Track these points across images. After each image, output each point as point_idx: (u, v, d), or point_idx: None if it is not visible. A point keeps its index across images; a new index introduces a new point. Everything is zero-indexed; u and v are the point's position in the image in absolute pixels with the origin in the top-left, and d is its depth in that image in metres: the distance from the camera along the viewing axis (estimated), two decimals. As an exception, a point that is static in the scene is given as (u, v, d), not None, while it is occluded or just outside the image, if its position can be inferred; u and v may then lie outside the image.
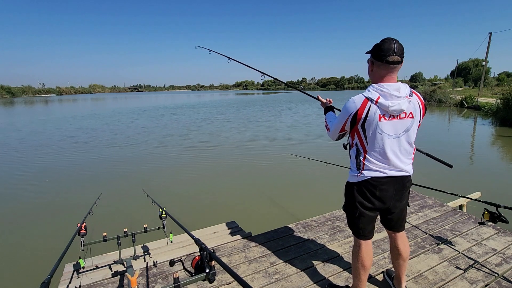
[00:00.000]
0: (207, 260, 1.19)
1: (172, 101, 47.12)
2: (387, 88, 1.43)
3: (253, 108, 29.19)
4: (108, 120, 19.92)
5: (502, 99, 16.52)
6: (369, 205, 1.63)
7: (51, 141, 11.99)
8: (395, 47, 1.41)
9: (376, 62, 1.48)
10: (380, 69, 1.47)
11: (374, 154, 1.53)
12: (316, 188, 6.18)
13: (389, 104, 1.41)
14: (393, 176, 1.56)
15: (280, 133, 13.28)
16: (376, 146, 1.51)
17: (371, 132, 1.49)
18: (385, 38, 1.45)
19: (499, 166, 8.01)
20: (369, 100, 1.45)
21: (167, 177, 7.13)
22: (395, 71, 1.47)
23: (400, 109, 1.43)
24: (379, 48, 1.44)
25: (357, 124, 1.50)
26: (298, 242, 2.69)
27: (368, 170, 1.56)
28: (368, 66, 1.57)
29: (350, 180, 1.69)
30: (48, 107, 38.12)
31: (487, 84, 47.16)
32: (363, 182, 1.59)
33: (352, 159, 1.65)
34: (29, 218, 5.02)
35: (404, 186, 1.62)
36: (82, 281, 2.17)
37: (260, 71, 2.79)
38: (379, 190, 1.58)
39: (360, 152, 1.57)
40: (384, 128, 1.47)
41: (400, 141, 1.52)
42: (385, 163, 1.54)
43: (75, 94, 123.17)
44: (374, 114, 1.44)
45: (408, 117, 1.49)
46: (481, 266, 2.23)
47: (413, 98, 1.49)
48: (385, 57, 1.42)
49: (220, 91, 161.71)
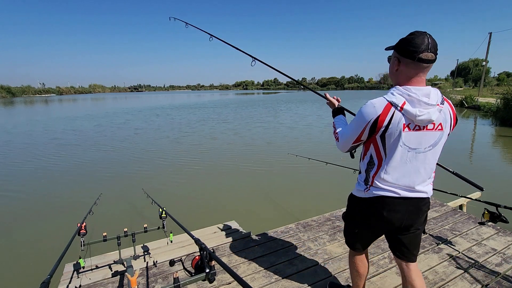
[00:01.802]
0: (207, 260, 1.19)
1: (170, 101, 47.07)
2: (415, 92, 1.19)
3: (253, 108, 29.20)
4: (101, 121, 19.66)
5: (502, 99, 16.51)
6: (372, 226, 1.45)
7: (39, 142, 11.96)
8: (429, 42, 1.16)
9: (404, 60, 1.22)
10: (409, 69, 1.22)
11: (390, 170, 1.30)
12: (316, 188, 6.18)
13: (417, 113, 1.18)
14: (407, 198, 1.33)
15: (280, 133, 13.28)
16: (394, 160, 1.28)
17: (391, 144, 1.26)
18: (416, 32, 1.20)
19: (499, 166, 8.01)
20: (393, 105, 1.21)
21: (167, 177, 7.13)
22: (426, 72, 1.23)
23: (429, 119, 1.20)
24: (409, 42, 1.19)
25: (376, 133, 1.26)
26: (298, 242, 2.69)
27: (377, 187, 1.34)
28: (391, 64, 1.31)
29: (355, 194, 1.49)
30: (46, 108, 37.97)
31: (487, 84, 47.16)
32: (369, 200, 1.38)
33: (361, 172, 1.43)
34: (29, 218, 5.02)
35: (419, 210, 1.38)
36: (82, 281, 2.17)
37: (251, 55, 2.37)
38: (387, 211, 1.35)
39: (373, 165, 1.35)
40: (407, 140, 1.24)
41: (424, 157, 1.29)
42: (400, 182, 1.31)
43: (75, 94, 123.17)
44: (398, 122, 1.21)
45: (437, 129, 1.26)
46: (481, 266, 2.23)
47: (444, 106, 1.25)
48: (418, 54, 1.17)
49: (220, 91, 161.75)
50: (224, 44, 2.61)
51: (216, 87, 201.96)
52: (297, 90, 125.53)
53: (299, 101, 39.09)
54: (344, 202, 1.69)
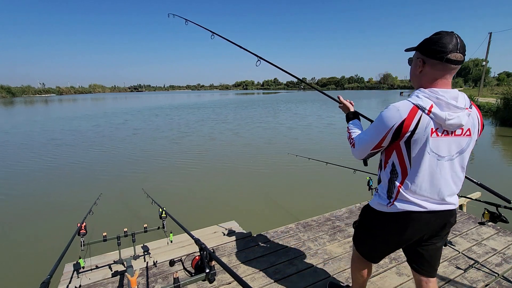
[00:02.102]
0: (207, 260, 1.18)
1: (170, 101, 47.08)
2: (443, 95, 1.11)
3: (253, 108, 29.20)
4: (99, 121, 19.53)
5: (502, 99, 16.51)
6: (392, 241, 1.33)
7: (37, 143, 11.97)
8: (457, 42, 1.08)
9: (429, 61, 1.14)
10: (435, 70, 1.14)
11: (417, 180, 1.19)
12: (316, 188, 6.18)
13: (447, 116, 1.09)
14: (435, 211, 1.23)
15: (280, 133, 13.27)
16: (421, 169, 1.17)
17: (418, 151, 1.16)
18: (442, 31, 1.12)
19: (499, 166, 8.01)
20: (420, 108, 1.11)
21: (167, 177, 7.13)
22: (452, 74, 1.15)
23: (459, 124, 1.11)
24: (436, 42, 1.10)
25: (400, 139, 1.16)
26: (298, 242, 2.69)
27: (403, 201, 1.22)
28: (414, 66, 1.23)
29: (374, 207, 1.35)
30: (45, 108, 37.92)
31: (487, 84, 47.18)
32: (393, 215, 1.26)
33: (383, 183, 1.30)
34: (29, 218, 5.02)
35: (447, 223, 1.28)
36: (82, 281, 2.17)
37: (256, 55, 2.24)
38: (411, 227, 1.24)
39: (396, 176, 1.23)
40: (435, 146, 1.14)
41: (452, 165, 1.20)
42: (428, 194, 1.20)
43: (75, 94, 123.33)
44: (426, 127, 1.11)
45: (465, 134, 1.17)
46: (481, 266, 2.23)
47: (472, 111, 1.17)
48: (446, 55, 1.08)
49: (220, 91, 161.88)
50: (225, 43, 2.61)
51: (216, 87, 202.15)
52: (297, 90, 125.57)
53: (298, 101, 39.09)
54: (344, 202, 1.68)
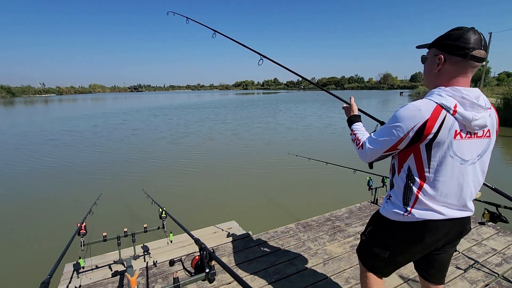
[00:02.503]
0: (207, 260, 1.18)
1: (170, 101, 47.09)
2: (467, 93, 1.02)
3: (252, 108, 29.19)
4: (98, 121, 19.40)
5: (502, 99, 16.53)
6: (409, 252, 1.22)
7: (35, 143, 11.96)
8: (481, 38, 1.00)
9: (451, 58, 1.04)
10: (458, 68, 1.04)
11: (437, 186, 1.09)
12: (316, 188, 6.18)
13: (473, 117, 1.00)
14: (455, 219, 1.14)
15: (279, 134, 13.27)
16: (443, 174, 1.07)
17: (440, 155, 1.05)
18: (461, 27, 1.03)
19: (499, 166, 8.01)
20: (444, 108, 1.01)
21: (167, 177, 7.13)
22: (474, 72, 1.07)
23: (484, 124, 1.04)
24: (458, 38, 1.01)
25: (421, 141, 1.05)
26: (298, 242, 2.69)
27: (422, 209, 1.12)
28: (430, 64, 1.12)
29: (388, 216, 1.22)
30: (44, 108, 37.84)
31: (487, 84, 47.14)
32: (410, 225, 1.15)
33: (397, 188, 1.18)
34: (29, 218, 5.02)
35: (464, 230, 1.21)
36: (82, 281, 2.17)
37: (259, 53, 2.12)
38: (429, 237, 1.14)
39: (414, 181, 1.12)
40: (458, 149, 1.05)
41: (474, 169, 1.10)
42: (449, 200, 1.11)
43: (75, 94, 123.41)
44: (450, 129, 1.02)
45: (485, 136, 1.09)
46: (481, 266, 2.23)
47: (492, 110, 1.10)
48: (471, 51, 0.99)
49: (220, 91, 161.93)
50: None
51: (216, 87, 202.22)
52: (297, 90, 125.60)
53: (298, 101, 39.09)
54: (344, 201, 1.67)
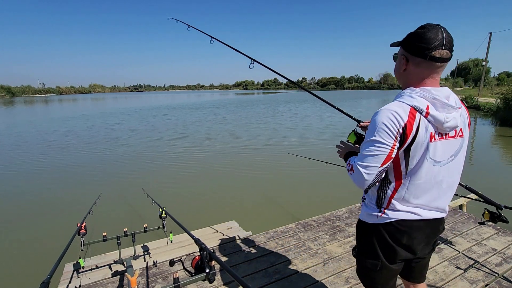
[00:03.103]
0: (207, 260, 1.18)
1: (170, 101, 47.07)
2: (438, 94, 1.00)
3: (252, 108, 29.19)
4: (96, 121, 19.21)
5: (502, 99, 16.52)
6: (394, 256, 1.20)
7: (33, 143, 11.96)
8: (443, 36, 0.97)
9: (413, 59, 1.04)
10: (420, 69, 1.03)
11: (412, 189, 1.09)
12: (316, 188, 6.18)
13: (445, 118, 1.00)
14: (428, 220, 1.15)
15: (279, 134, 13.27)
16: (418, 177, 1.07)
17: (417, 158, 1.05)
18: (427, 25, 1.01)
19: (499, 165, 8.01)
20: (417, 110, 1.00)
21: (167, 177, 7.13)
22: (440, 72, 1.04)
23: (455, 125, 1.03)
24: (419, 38, 1.00)
25: (402, 147, 1.04)
26: (298, 242, 2.69)
27: (395, 210, 1.13)
28: (398, 64, 1.12)
29: (365, 220, 1.23)
30: (43, 108, 37.78)
31: (487, 84, 47.17)
32: (385, 225, 1.16)
33: (371, 192, 1.20)
34: (29, 218, 5.02)
35: (437, 231, 1.23)
36: (82, 281, 2.17)
37: (250, 57, 2.20)
38: (406, 237, 1.15)
39: (388, 184, 1.12)
40: (433, 152, 1.04)
41: (447, 170, 1.10)
42: (423, 202, 1.12)
43: (75, 94, 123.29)
44: (426, 131, 1.01)
45: (458, 135, 1.08)
46: (481, 266, 2.23)
47: (462, 109, 1.09)
48: (430, 51, 0.98)
49: (220, 91, 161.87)
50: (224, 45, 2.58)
51: (216, 87, 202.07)
52: (297, 90, 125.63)
53: (298, 101, 39.07)
54: (344, 202, 1.67)
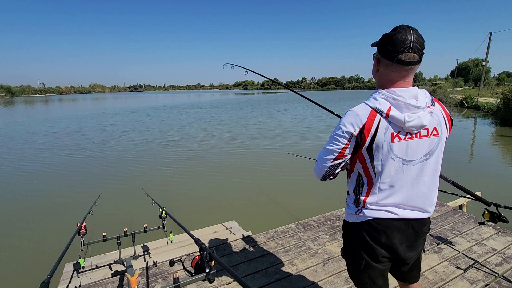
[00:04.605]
0: (207, 260, 1.18)
1: (170, 101, 47.07)
2: (401, 95, 1.04)
3: (253, 108, 29.20)
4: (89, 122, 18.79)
5: (502, 99, 16.52)
6: (376, 255, 1.20)
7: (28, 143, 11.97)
8: (411, 39, 0.99)
9: (383, 61, 1.08)
10: (389, 70, 1.07)
11: (383, 188, 1.13)
12: (316, 188, 6.18)
13: (406, 118, 1.03)
14: (406, 219, 1.15)
15: (279, 134, 13.27)
16: (387, 176, 1.11)
17: (382, 158, 1.09)
18: (399, 27, 1.03)
19: (499, 165, 8.01)
20: (378, 112, 1.05)
21: (167, 177, 7.13)
22: (410, 74, 1.07)
23: (420, 124, 1.05)
24: (389, 40, 1.03)
25: (362, 146, 1.09)
26: (298, 242, 2.70)
27: (369, 208, 1.16)
28: (373, 65, 1.16)
29: (347, 219, 1.28)
30: (40, 107, 37.73)
31: (487, 84, 47.19)
32: (363, 224, 1.18)
33: (349, 191, 1.24)
34: (29, 218, 5.02)
35: (419, 232, 1.20)
36: (82, 281, 2.17)
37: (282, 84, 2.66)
38: (384, 236, 1.16)
39: (362, 184, 1.17)
40: (399, 151, 1.08)
41: (422, 168, 1.13)
42: (398, 201, 1.13)
43: (75, 93, 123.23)
44: (385, 132, 1.06)
45: (432, 134, 1.11)
46: (481, 266, 2.23)
47: (435, 108, 1.11)
48: (397, 55, 1.01)
49: (220, 90, 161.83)
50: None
51: (216, 87, 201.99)
52: (297, 90, 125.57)
53: (297, 102, 39.06)
54: (344, 201, 1.66)
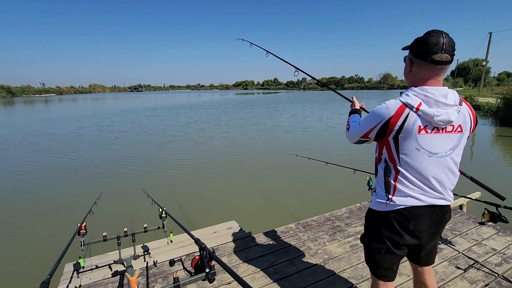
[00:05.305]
0: (207, 260, 1.18)
1: (170, 101, 47.09)
2: (432, 92, 1.14)
3: (252, 108, 29.19)
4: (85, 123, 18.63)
5: (502, 99, 16.51)
6: (400, 241, 1.30)
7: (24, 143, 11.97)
8: (444, 42, 1.11)
9: (416, 61, 1.19)
10: (422, 70, 1.18)
11: (409, 176, 1.22)
12: (316, 188, 6.18)
13: (435, 113, 1.12)
14: (432, 206, 1.25)
15: (280, 134, 13.27)
16: (412, 165, 1.21)
17: (407, 148, 1.19)
18: (431, 31, 1.15)
19: (499, 165, 8.01)
20: (408, 106, 1.15)
21: (167, 177, 7.13)
22: (441, 73, 1.17)
23: (448, 120, 1.14)
24: (422, 43, 1.15)
25: (388, 135, 1.21)
26: (298, 242, 2.69)
27: (401, 196, 1.24)
28: (405, 65, 1.28)
29: (374, 208, 1.34)
30: (40, 108, 37.80)
31: (487, 84, 47.16)
32: (393, 213, 1.26)
33: (379, 177, 1.33)
34: (29, 218, 5.02)
35: (443, 219, 1.31)
36: (82, 281, 2.17)
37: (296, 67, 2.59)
38: (413, 223, 1.25)
39: (390, 171, 1.26)
40: (424, 143, 1.18)
41: (445, 162, 1.22)
42: (423, 189, 1.23)
43: (75, 94, 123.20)
44: (413, 124, 1.15)
45: (456, 131, 1.20)
46: (481, 266, 2.23)
47: (462, 107, 1.20)
48: (431, 55, 1.12)
49: (220, 90, 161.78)
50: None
51: (216, 87, 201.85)
52: (297, 90, 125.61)
53: (298, 101, 39.08)
54: (344, 202, 1.67)
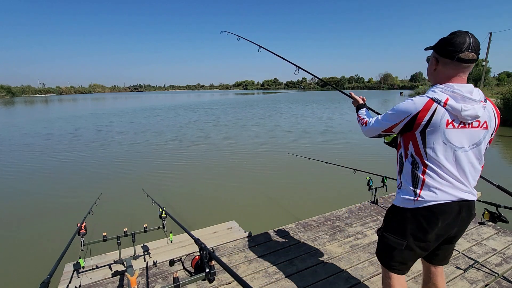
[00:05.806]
0: (207, 260, 1.19)
1: (170, 101, 47.10)
2: (459, 89, 1.16)
3: (252, 108, 29.19)
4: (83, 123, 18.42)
5: (502, 99, 16.52)
6: (424, 239, 1.28)
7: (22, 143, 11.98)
8: (470, 41, 1.14)
9: (442, 60, 1.20)
10: (448, 69, 1.20)
11: (437, 169, 1.21)
12: (316, 188, 6.18)
13: (462, 107, 1.13)
14: (460, 201, 1.23)
15: (280, 134, 13.27)
16: (439, 159, 1.20)
17: (434, 142, 1.19)
18: (457, 31, 1.18)
19: (499, 166, 8.01)
20: (435, 101, 1.16)
21: (167, 177, 7.13)
22: (467, 71, 1.19)
23: (475, 115, 1.15)
24: (449, 42, 1.17)
25: (414, 129, 1.21)
26: (298, 242, 2.69)
27: (429, 190, 1.22)
28: (429, 64, 1.29)
29: (400, 205, 1.32)
30: (39, 108, 37.77)
31: (487, 84, 47.08)
32: (421, 210, 1.24)
33: (405, 172, 1.30)
34: (29, 218, 5.02)
35: (470, 215, 1.29)
36: (82, 281, 2.17)
37: (295, 65, 2.51)
38: (442, 220, 1.23)
39: (417, 165, 1.25)
40: (451, 137, 1.18)
41: (469, 156, 1.22)
42: (450, 181, 1.21)
43: (75, 94, 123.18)
44: (441, 118, 1.16)
45: (482, 127, 1.20)
46: (481, 266, 2.23)
47: (488, 104, 1.21)
48: (457, 54, 1.14)
49: (220, 90, 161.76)
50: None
51: (216, 87, 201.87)
52: (297, 90, 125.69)
53: (297, 102, 39.08)
54: (344, 202, 1.67)
